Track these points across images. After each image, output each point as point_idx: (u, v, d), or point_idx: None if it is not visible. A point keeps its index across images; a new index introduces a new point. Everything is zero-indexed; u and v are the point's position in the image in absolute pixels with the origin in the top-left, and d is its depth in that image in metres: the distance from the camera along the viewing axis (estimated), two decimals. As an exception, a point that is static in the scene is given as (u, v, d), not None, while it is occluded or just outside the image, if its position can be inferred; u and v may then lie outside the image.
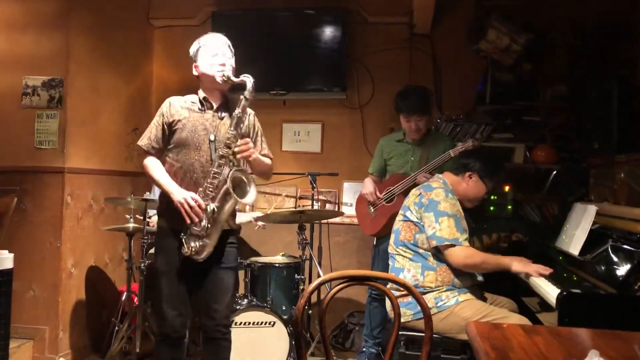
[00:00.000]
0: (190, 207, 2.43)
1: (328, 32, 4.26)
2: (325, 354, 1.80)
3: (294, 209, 3.93)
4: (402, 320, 2.55)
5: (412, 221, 2.77)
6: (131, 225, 3.57)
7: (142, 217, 3.45)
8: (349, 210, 4.31)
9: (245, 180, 2.46)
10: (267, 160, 2.73)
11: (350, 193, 4.42)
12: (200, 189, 2.49)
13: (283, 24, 4.36)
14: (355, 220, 3.81)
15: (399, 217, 2.88)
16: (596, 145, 3.31)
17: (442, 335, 2.63)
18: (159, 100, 4.67)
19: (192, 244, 2.46)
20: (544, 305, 2.68)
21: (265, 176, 2.81)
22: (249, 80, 2.53)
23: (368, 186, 3.57)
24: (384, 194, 3.46)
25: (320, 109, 4.51)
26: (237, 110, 2.52)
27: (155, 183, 2.59)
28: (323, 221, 4.06)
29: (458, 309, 2.60)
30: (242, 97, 2.53)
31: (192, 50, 2.67)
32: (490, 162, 2.88)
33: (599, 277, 2.43)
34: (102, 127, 3.99)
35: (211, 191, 2.47)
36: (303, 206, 4.34)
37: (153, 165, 2.59)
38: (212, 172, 2.48)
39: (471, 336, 1.55)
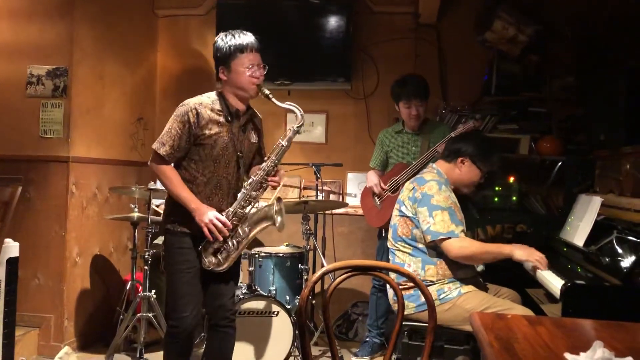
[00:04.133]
0: (217, 227, 2.41)
1: (333, 21, 4.24)
2: (328, 344, 1.80)
3: (298, 200, 3.93)
4: (405, 312, 2.55)
5: (407, 216, 2.74)
6: (136, 214, 3.58)
7: (146, 206, 3.46)
8: (353, 200, 4.31)
9: (279, 210, 2.46)
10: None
11: (354, 184, 4.41)
12: (231, 209, 2.48)
13: (288, 13, 4.33)
14: (360, 211, 3.81)
15: (395, 212, 2.85)
16: (602, 137, 3.29)
17: (446, 326, 2.63)
18: (163, 89, 4.72)
19: (213, 259, 2.47)
20: (549, 296, 2.68)
21: None
22: (298, 110, 2.50)
23: (372, 178, 3.55)
24: (388, 184, 3.46)
25: (325, 99, 4.49)
26: (284, 142, 2.49)
27: (175, 196, 2.45)
28: (327, 212, 4.06)
29: (461, 301, 2.60)
30: (291, 128, 2.50)
31: (221, 49, 2.45)
32: (481, 145, 2.81)
33: (603, 269, 2.42)
34: (106, 116, 4.00)
35: (241, 212, 2.48)
36: (307, 197, 4.34)
37: (174, 178, 2.45)
38: (248, 195, 2.47)
39: (475, 327, 1.55)
